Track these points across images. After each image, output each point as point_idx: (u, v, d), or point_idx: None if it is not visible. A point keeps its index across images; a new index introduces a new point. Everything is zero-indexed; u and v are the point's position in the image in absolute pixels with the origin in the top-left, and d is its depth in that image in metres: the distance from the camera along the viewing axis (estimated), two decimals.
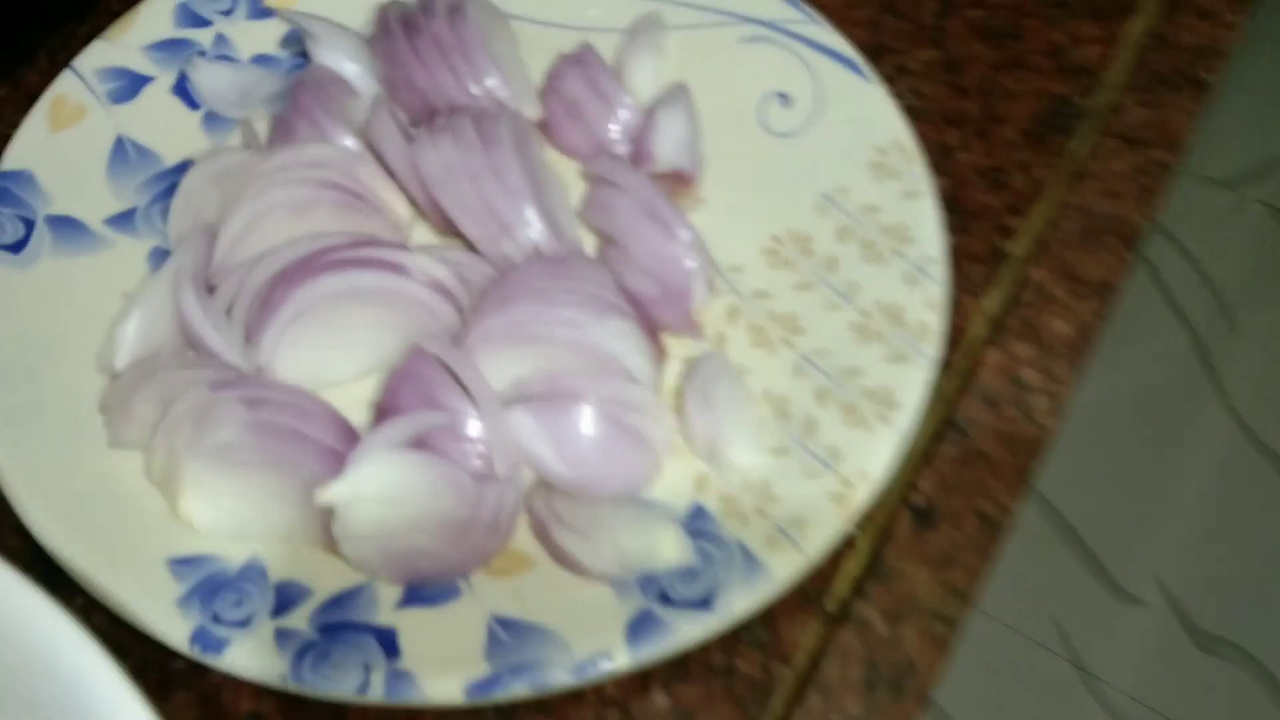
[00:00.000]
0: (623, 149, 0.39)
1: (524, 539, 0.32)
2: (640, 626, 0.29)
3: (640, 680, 0.31)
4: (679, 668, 0.31)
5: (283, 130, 0.38)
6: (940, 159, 0.41)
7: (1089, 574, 1.20)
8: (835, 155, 0.39)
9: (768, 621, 0.32)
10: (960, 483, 0.33)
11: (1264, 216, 1.45)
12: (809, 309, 0.36)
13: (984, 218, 0.39)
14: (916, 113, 0.42)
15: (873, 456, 0.32)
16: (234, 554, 0.31)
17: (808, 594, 0.32)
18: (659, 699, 0.30)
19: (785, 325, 0.36)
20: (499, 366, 0.33)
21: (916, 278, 0.35)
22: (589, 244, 0.38)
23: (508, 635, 0.29)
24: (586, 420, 0.32)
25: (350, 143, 0.38)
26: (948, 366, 0.35)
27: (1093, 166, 0.40)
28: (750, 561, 0.30)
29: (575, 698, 0.30)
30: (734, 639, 0.31)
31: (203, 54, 0.40)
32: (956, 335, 0.36)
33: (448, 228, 0.37)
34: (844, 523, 0.31)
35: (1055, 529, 1.21)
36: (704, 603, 0.30)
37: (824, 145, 0.39)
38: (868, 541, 0.32)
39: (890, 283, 0.35)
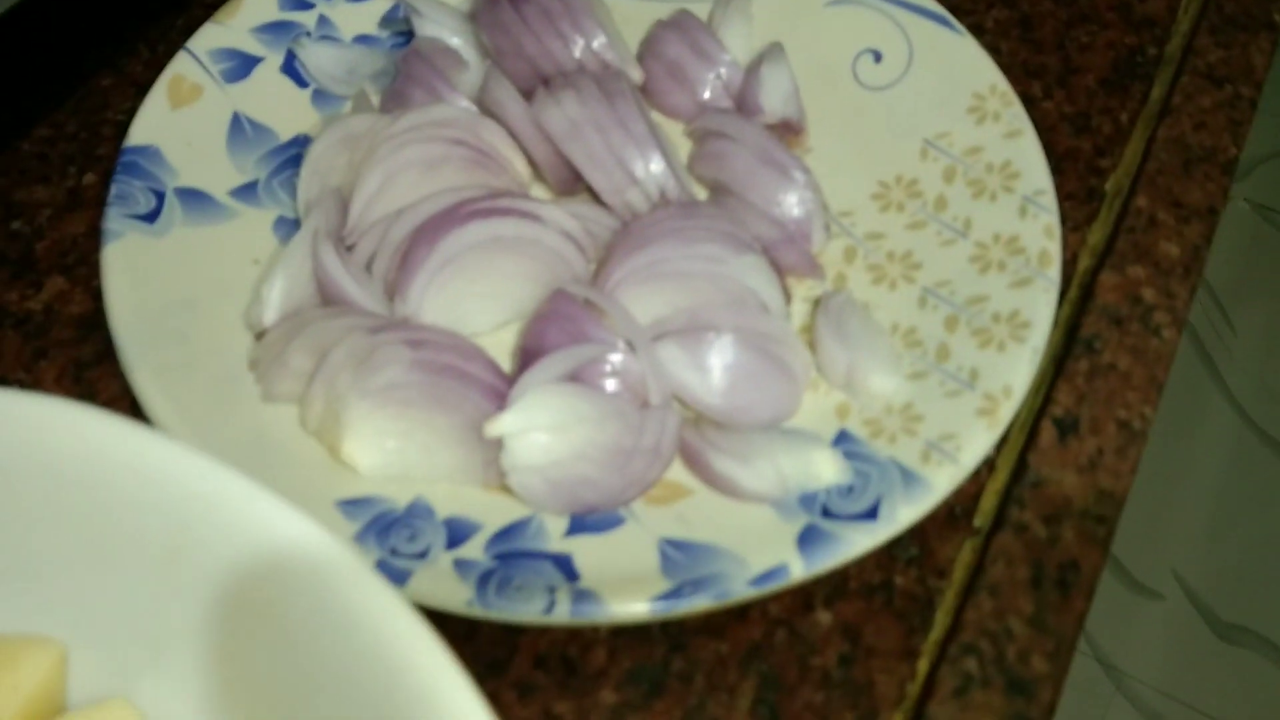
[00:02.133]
0: (725, 105, 0.40)
1: (676, 469, 0.32)
2: (810, 539, 0.30)
3: (803, 599, 0.31)
4: (839, 586, 0.32)
5: (397, 99, 0.39)
6: (1027, 108, 0.42)
7: (1107, 570, 1.20)
8: (932, 104, 0.40)
9: (920, 540, 0.32)
10: (1095, 394, 0.34)
11: (1248, 213, 1.49)
12: (924, 246, 0.37)
13: (1076, 160, 0.41)
14: (998, 66, 0.43)
15: (1012, 373, 0.33)
16: (399, 495, 0.31)
17: (954, 512, 0.33)
18: (823, 616, 0.31)
19: (903, 262, 0.37)
20: (640, 305, 0.34)
21: (1028, 209, 0.37)
22: (699, 196, 0.39)
23: (680, 555, 0.30)
24: (731, 351, 0.33)
25: (467, 105, 0.39)
26: (1062, 296, 0.37)
27: (1179, 102, 0.41)
28: (907, 475, 0.31)
29: (742, 617, 0.31)
30: (889, 558, 0.32)
31: (308, 35, 0.41)
32: (1066, 268, 0.38)
33: (565, 187, 0.38)
34: (994, 434, 0.32)
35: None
36: (869, 514, 0.30)
37: (920, 95, 0.40)
38: (1010, 459, 0.33)
39: (1003, 216, 0.37)
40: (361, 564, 0.22)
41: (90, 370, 0.35)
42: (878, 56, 0.42)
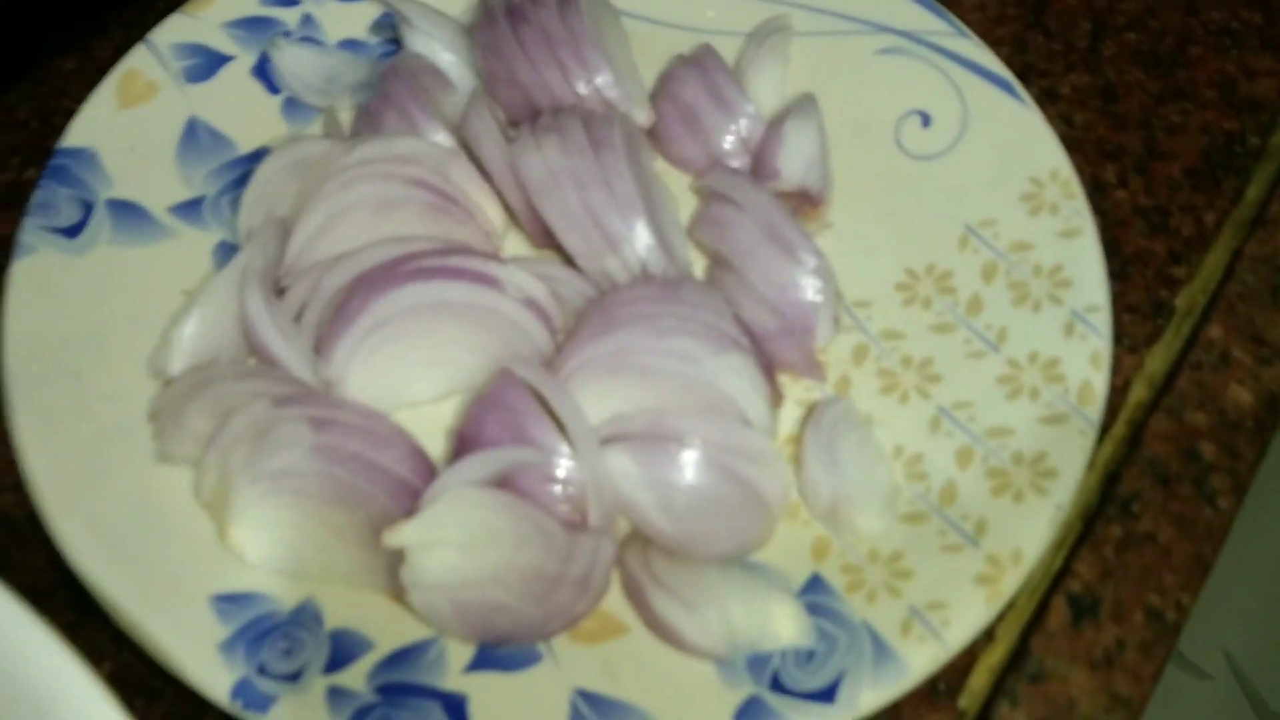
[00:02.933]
0: (741, 162, 0.35)
1: (615, 599, 0.28)
2: (749, 716, 0.25)
3: None
4: None
5: (369, 120, 0.34)
6: (1094, 196, 0.36)
7: None
8: (982, 183, 0.34)
9: (891, 714, 0.27)
10: (1125, 570, 0.28)
11: None
12: (948, 355, 0.32)
13: (1144, 264, 0.35)
14: (1067, 142, 0.37)
15: (1026, 533, 0.27)
16: (286, 594, 0.27)
17: (937, 687, 0.27)
18: None
19: (920, 372, 0.32)
20: (597, 398, 0.29)
21: (1076, 327, 0.31)
22: (698, 266, 0.34)
23: (592, 713, 0.25)
24: (694, 467, 0.28)
25: (443, 138, 0.34)
26: (1105, 432, 0.31)
27: (1276, 213, 0.35)
28: (880, 649, 0.26)
29: None
30: None
31: (287, 35, 0.37)
32: (1115, 397, 0.32)
33: (545, 238, 0.33)
34: (991, 609, 0.26)
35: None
36: (825, 694, 0.25)
37: (969, 172, 0.35)
38: (1012, 631, 0.28)
39: (1046, 331, 0.31)
40: None
41: None
42: (926, 119, 0.36)
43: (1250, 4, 0.41)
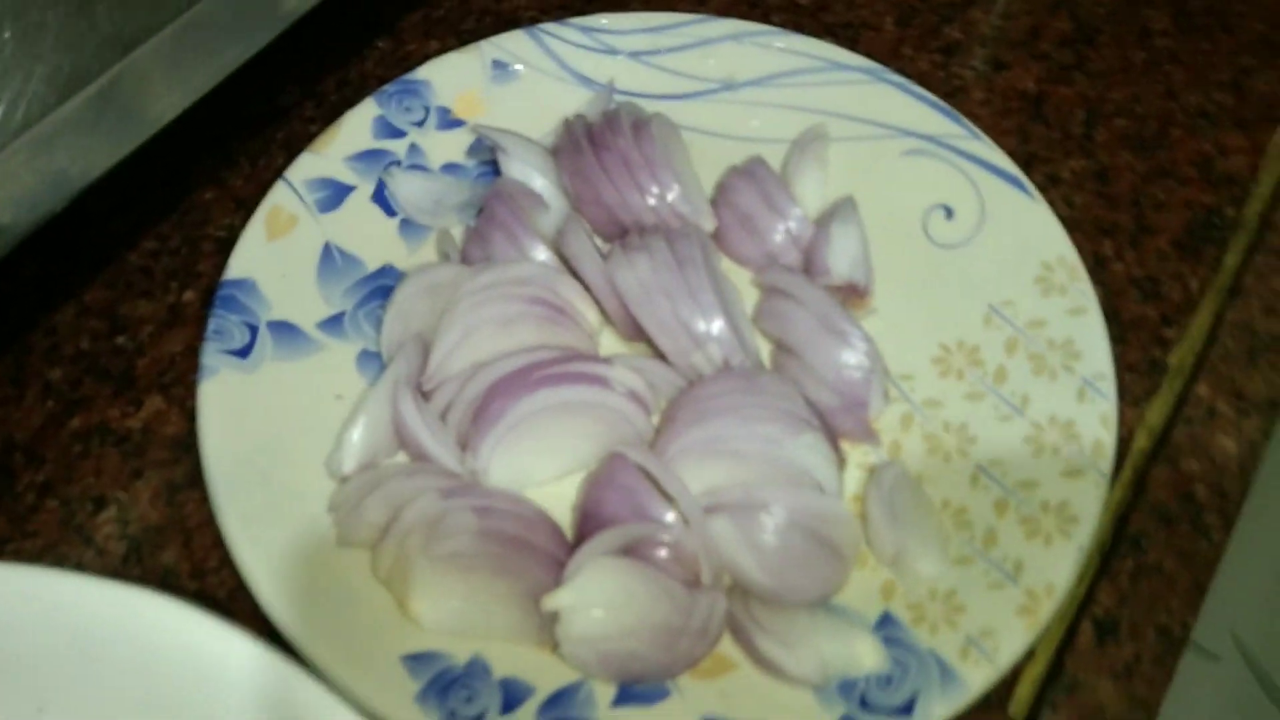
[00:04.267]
0: (792, 258, 0.41)
1: (724, 642, 0.34)
2: None
3: None
4: None
5: (479, 240, 0.41)
6: (1094, 268, 0.42)
7: None
8: (1000, 269, 0.41)
9: None
10: (1138, 596, 0.34)
11: None
12: (981, 419, 0.38)
13: (1141, 328, 0.41)
14: (1069, 222, 0.43)
15: (1056, 570, 0.34)
16: (459, 651, 0.33)
17: (990, 698, 0.34)
18: None
19: (958, 435, 0.38)
20: (696, 476, 0.35)
21: (1086, 393, 0.37)
22: (764, 349, 0.40)
23: None
24: (783, 531, 0.34)
25: (542, 252, 0.40)
26: (1114, 478, 0.37)
27: (1250, 283, 0.41)
28: (945, 672, 0.32)
29: None
30: None
31: (397, 164, 0.43)
32: (1121, 446, 0.38)
33: (633, 334, 0.39)
34: (1032, 635, 0.33)
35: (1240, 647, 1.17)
36: (905, 709, 0.31)
37: (988, 258, 0.41)
38: (1048, 650, 0.34)
39: (1061, 397, 0.37)
40: None
41: (181, 493, 0.38)
42: (949, 212, 0.42)
43: (1223, 87, 0.48)
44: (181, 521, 0.37)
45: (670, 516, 0.34)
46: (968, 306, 0.40)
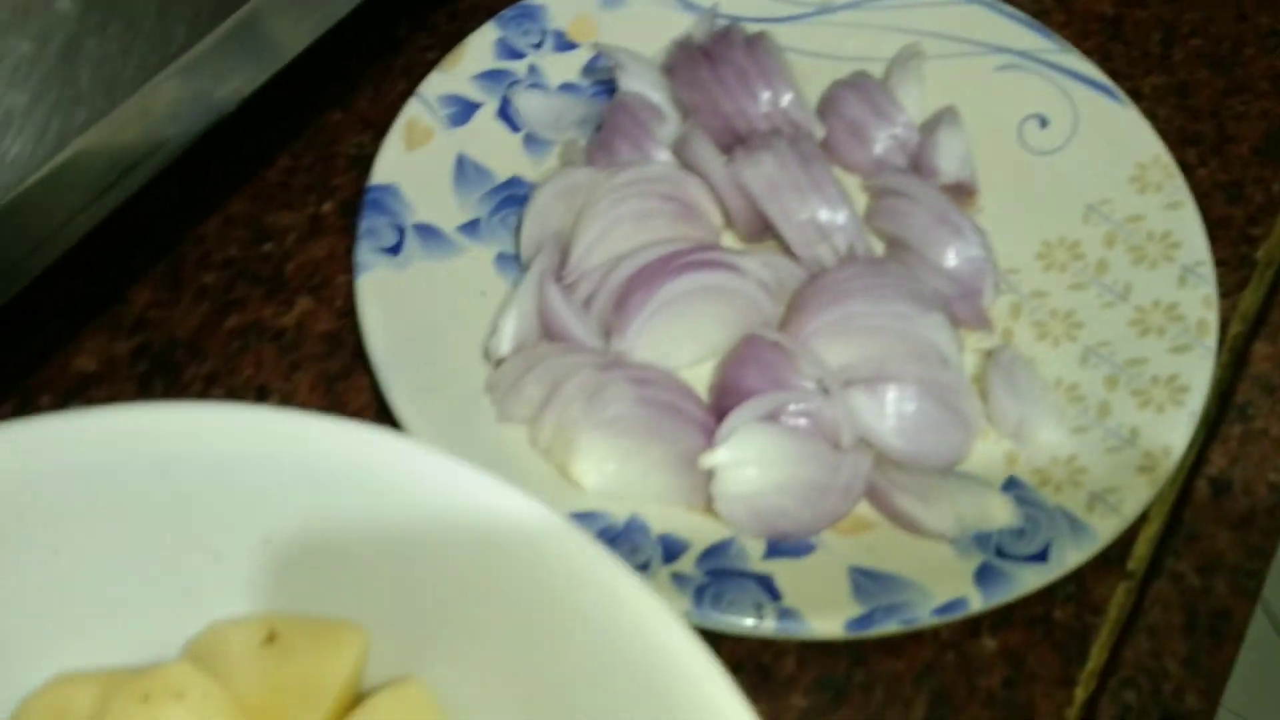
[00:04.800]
0: (900, 163, 0.44)
1: (861, 505, 0.36)
2: (987, 576, 0.34)
3: (970, 626, 0.35)
4: (1003, 616, 0.35)
5: (604, 149, 0.43)
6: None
7: None
8: (1096, 171, 0.43)
9: (1077, 580, 0.36)
10: (1248, 457, 0.37)
11: None
12: (1086, 307, 0.40)
13: (1228, 227, 0.44)
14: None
15: (1172, 434, 0.36)
16: (618, 511, 0.36)
17: (1109, 556, 0.36)
18: (989, 643, 0.35)
19: (1066, 321, 0.40)
20: (831, 354, 0.38)
21: (1187, 279, 0.40)
22: (877, 248, 0.43)
23: (869, 582, 0.34)
24: (913, 400, 0.37)
25: (666, 158, 0.43)
26: (1221, 359, 0.40)
27: None
28: (1074, 523, 0.35)
29: (916, 639, 0.35)
30: (1048, 593, 0.36)
31: (519, 83, 0.46)
32: (1220, 332, 0.41)
33: (754, 234, 0.42)
34: (1153, 490, 0.35)
35: None
36: (1040, 556, 0.34)
37: (1084, 162, 0.43)
38: (1163, 510, 0.37)
39: (1163, 284, 0.40)
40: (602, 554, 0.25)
41: (339, 383, 0.40)
42: (1044, 122, 0.45)
43: None
44: (341, 409, 0.40)
45: (810, 386, 0.37)
46: (1066, 206, 0.43)
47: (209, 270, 0.43)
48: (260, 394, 0.40)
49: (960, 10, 0.47)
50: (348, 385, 0.40)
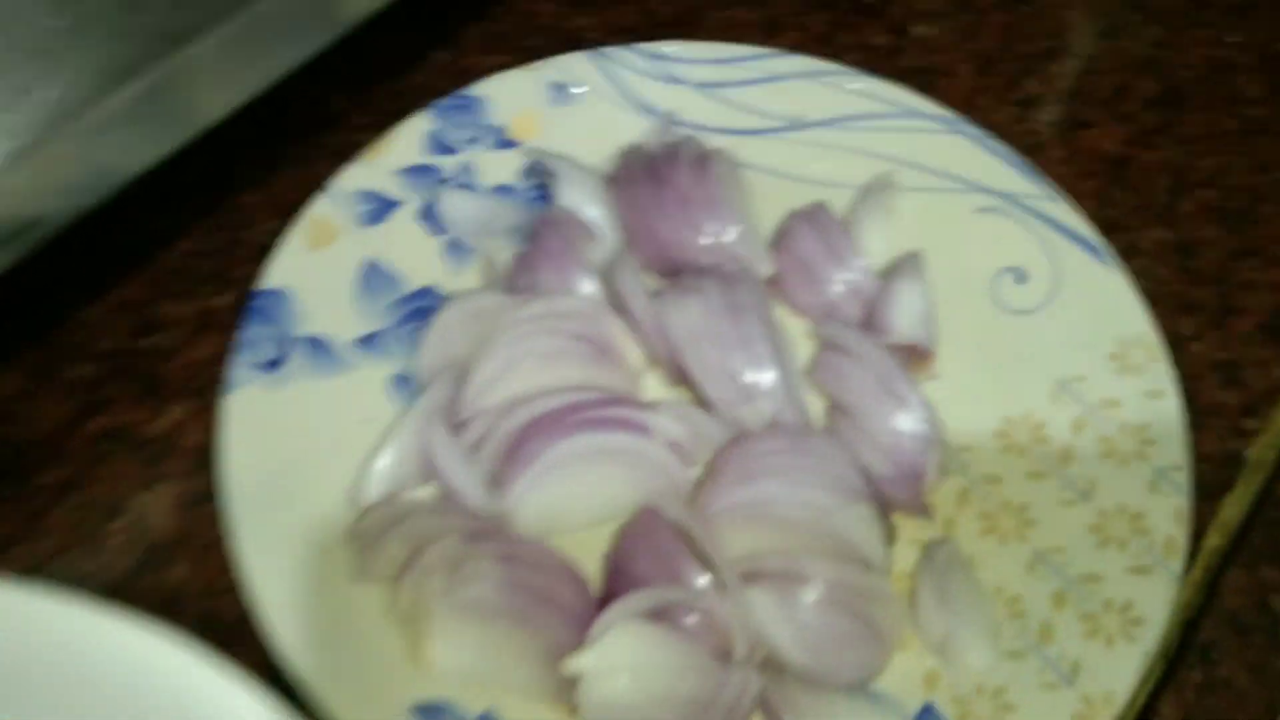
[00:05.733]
0: (852, 311, 0.39)
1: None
2: None
3: None
4: None
5: (526, 269, 0.39)
6: (1171, 348, 0.40)
7: None
8: (1072, 341, 0.38)
9: None
10: (1205, 713, 0.32)
11: None
12: (1042, 501, 0.36)
13: (1219, 416, 0.39)
14: (1148, 296, 0.41)
15: (1117, 676, 0.31)
16: (472, 703, 0.31)
17: None
18: None
19: (1017, 516, 0.35)
20: (736, 539, 0.33)
21: (1160, 485, 0.35)
22: (815, 404, 0.38)
23: None
24: (823, 606, 0.32)
25: (589, 285, 0.38)
26: (1187, 581, 0.35)
27: None
28: None
29: None
30: None
31: (447, 182, 0.42)
32: (1191, 543, 0.35)
33: (678, 378, 0.37)
34: None
35: None
36: None
37: (1061, 329, 0.39)
38: None
39: (1132, 486, 0.35)
40: None
41: (198, 507, 0.36)
42: (1021, 277, 0.40)
43: None
44: (196, 537, 0.36)
45: (704, 581, 0.32)
46: (1035, 379, 0.38)
47: (84, 361, 0.39)
48: (112, 511, 0.36)
49: (942, 140, 0.42)
50: (206, 510, 0.36)
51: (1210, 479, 0.37)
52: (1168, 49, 0.49)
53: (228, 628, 0.34)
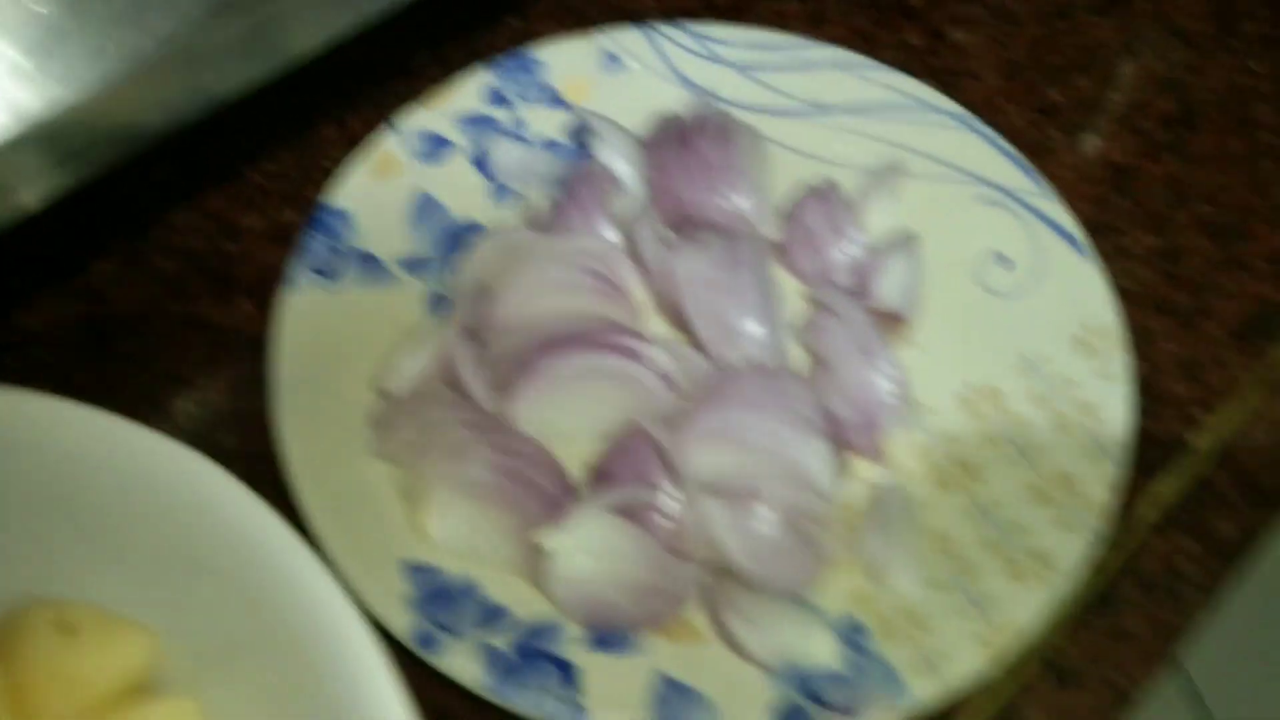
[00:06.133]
0: (846, 280, 0.43)
1: (696, 613, 0.36)
2: (787, 717, 0.33)
3: None
4: None
5: (560, 215, 0.44)
6: (1141, 341, 0.43)
7: None
8: (1042, 323, 0.42)
9: None
10: (1102, 653, 0.35)
11: None
12: (991, 461, 0.39)
13: (1173, 406, 0.42)
14: (1127, 294, 0.44)
15: (1022, 610, 0.35)
16: (456, 568, 0.36)
17: None
18: None
19: (966, 471, 0.39)
20: (705, 458, 0.37)
21: (1098, 456, 0.38)
22: (800, 358, 0.42)
23: (672, 693, 0.34)
24: (771, 523, 0.36)
25: (611, 234, 0.43)
26: (1112, 542, 0.38)
27: None
28: (895, 681, 0.34)
29: None
30: None
31: (500, 131, 0.47)
32: (1125, 512, 0.39)
33: (678, 322, 0.42)
34: (985, 663, 0.34)
35: (1194, 712, 1.14)
36: (848, 710, 0.33)
37: (1033, 312, 0.42)
38: (1006, 689, 0.35)
39: (1073, 454, 0.38)
40: None
41: (254, 388, 0.42)
42: (1005, 262, 0.44)
43: None
44: (249, 413, 0.41)
45: (671, 488, 0.37)
46: (1003, 354, 0.42)
47: (170, 257, 0.45)
48: (177, 384, 0.42)
49: (953, 135, 0.46)
50: (261, 391, 0.42)
51: (1154, 460, 0.40)
52: (1191, 71, 0.52)
53: (264, 489, 0.40)
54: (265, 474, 0.39)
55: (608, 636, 0.35)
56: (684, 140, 0.44)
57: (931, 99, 0.47)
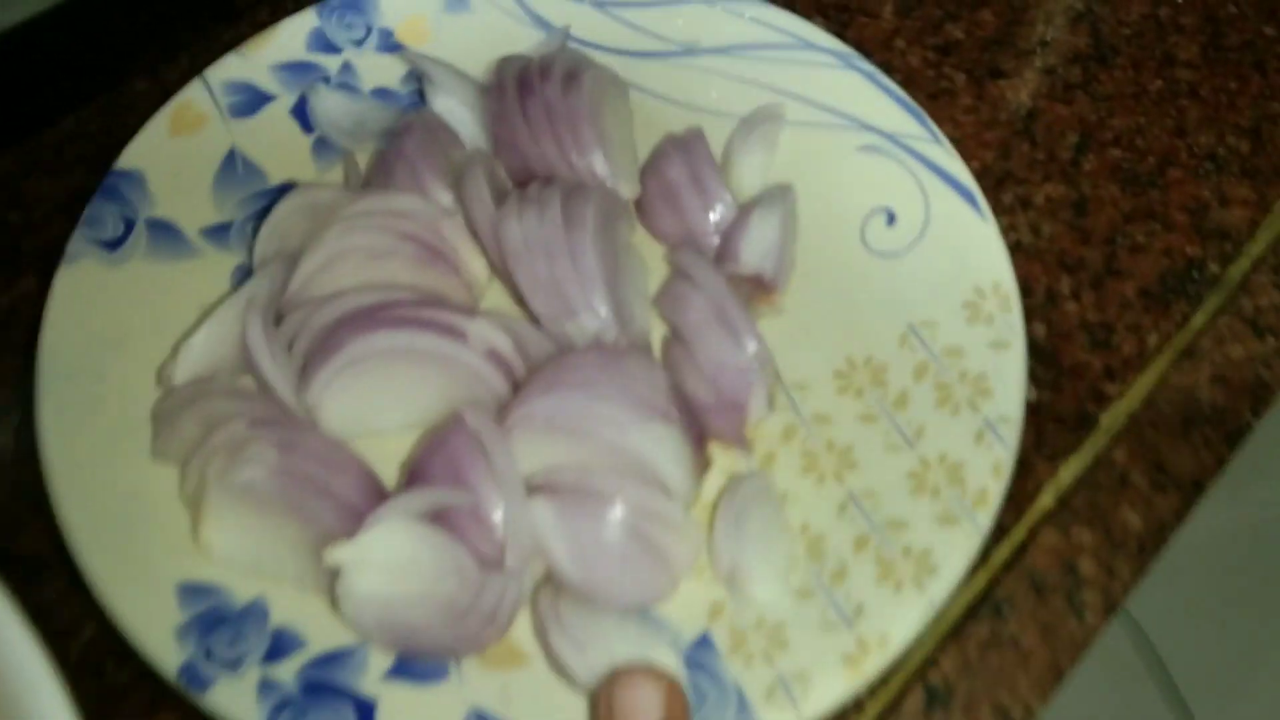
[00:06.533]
0: (712, 243, 0.38)
1: (525, 634, 0.31)
2: None
3: None
4: None
5: (382, 170, 0.38)
6: (1045, 305, 0.38)
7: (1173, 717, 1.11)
8: (930, 286, 0.37)
9: None
10: (985, 668, 0.31)
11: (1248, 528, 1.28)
12: (868, 444, 0.34)
13: (1079, 378, 0.37)
14: (1030, 250, 0.40)
15: (896, 622, 0.30)
16: (242, 589, 0.31)
17: None
18: None
19: (840, 457, 0.34)
20: (534, 450, 0.32)
21: (986, 436, 0.33)
22: (660, 333, 0.37)
23: None
24: (609, 525, 0.31)
25: (445, 194, 0.38)
26: (1002, 532, 0.33)
27: (1207, 346, 0.37)
28: (744, 709, 0.29)
29: None
30: None
31: (327, 80, 0.41)
32: (1022, 501, 0.34)
33: (519, 296, 0.37)
34: (849, 688, 0.29)
35: (1144, 660, 1.11)
36: None
37: (921, 273, 0.37)
38: (874, 711, 0.31)
39: (958, 436, 0.34)
40: None
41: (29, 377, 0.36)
42: (892, 218, 0.39)
43: (1240, 132, 0.43)
44: (27, 407, 0.36)
45: (491, 489, 0.31)
46: (886, 321, 0.37)
47: None
48: None
49: (834, 75, 0.41)
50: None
51: (1058, 440, 0.36)
52: (1106, 4, 0.47)
53: (36, 498, 0.34)
54: (30, 479, 0.34)
55: (416, 666, 0.30)
56: (524, 83, 0.39)
57: (811, 36, 0.42)
